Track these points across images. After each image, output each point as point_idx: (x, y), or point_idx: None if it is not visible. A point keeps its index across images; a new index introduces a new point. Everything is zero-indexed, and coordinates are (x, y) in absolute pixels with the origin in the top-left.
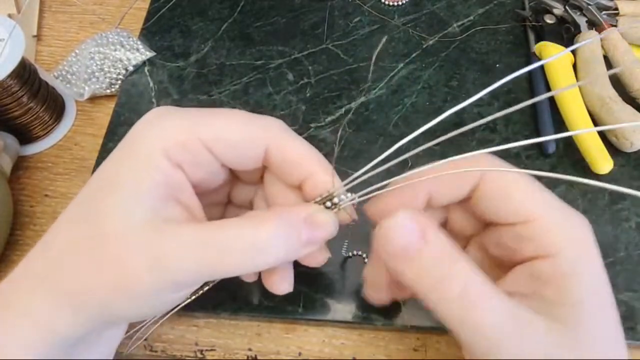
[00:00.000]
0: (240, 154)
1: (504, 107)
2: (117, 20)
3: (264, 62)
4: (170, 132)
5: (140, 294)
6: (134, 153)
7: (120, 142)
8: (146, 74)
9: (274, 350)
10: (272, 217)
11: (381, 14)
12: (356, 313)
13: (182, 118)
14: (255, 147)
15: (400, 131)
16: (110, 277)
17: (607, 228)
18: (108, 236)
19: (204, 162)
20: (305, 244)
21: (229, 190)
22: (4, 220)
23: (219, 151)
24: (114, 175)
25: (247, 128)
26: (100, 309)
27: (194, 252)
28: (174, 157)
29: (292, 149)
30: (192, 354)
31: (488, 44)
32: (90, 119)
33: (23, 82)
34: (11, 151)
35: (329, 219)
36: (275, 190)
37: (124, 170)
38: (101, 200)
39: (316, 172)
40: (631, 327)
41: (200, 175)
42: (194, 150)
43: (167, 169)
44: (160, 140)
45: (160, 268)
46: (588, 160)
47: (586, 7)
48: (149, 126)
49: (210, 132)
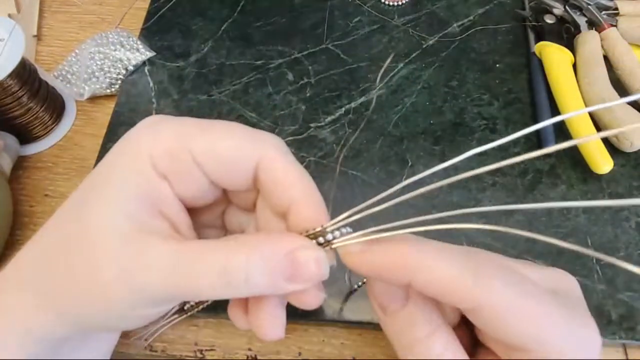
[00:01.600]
0: (228, 169)
1: (504, 107)
2: (117, 20)
3: (264, 62)
4: (160, 140)
5: (113, 308)
6: (120, 160)
7: (114, 145)
8: (146, 74)
9: (274, 350)
10: (251, 245)
11: (381, 14)
12: (356, 313)
13: (174, 127)
14: (245, 163)
15: (400, 131)
16: (87, 289)
17: (607, 228)
18: (87, 241)
19: (191, 175)
20: (288, 280)
21: (222, 212)
22: (4, 220)
23: (207, 165)
24: (100, 181)
25: (239, 142)
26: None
27: (162, 272)
28: (160, 166)
29: (281, 170)
30: (192, 354)
31: (488, 44)
32: (90, 119)
33: (23, 82)
34: (11, 151)
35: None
36: (267, 220)
37: (110, 175)
38: (87, 203)
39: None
40: (631, 327)
41: (187, 189)
42: (181, 161)
43: (152, 177)
44: (149, 146)
45: (129, 281)
46: (588, 160)
47: (586, 7)
48: (138, 133)
49: (200, 144)
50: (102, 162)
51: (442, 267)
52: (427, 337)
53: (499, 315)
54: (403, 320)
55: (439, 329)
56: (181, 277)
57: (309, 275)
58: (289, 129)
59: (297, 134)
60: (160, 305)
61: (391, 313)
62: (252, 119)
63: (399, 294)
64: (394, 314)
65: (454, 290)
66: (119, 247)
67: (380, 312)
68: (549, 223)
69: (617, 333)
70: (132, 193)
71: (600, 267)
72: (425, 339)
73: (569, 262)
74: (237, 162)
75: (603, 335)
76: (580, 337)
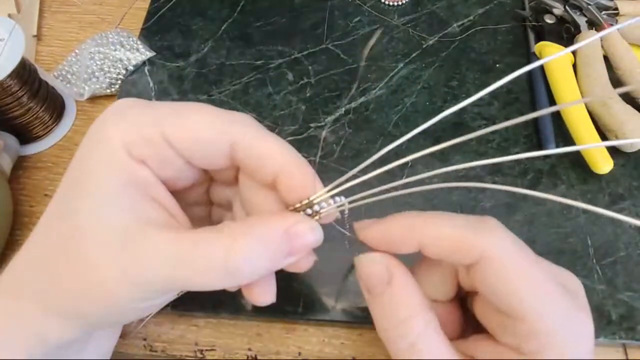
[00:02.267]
0: (203, 150)
1: (503, 107)
2: (117, 20)
3: (264, 62)
4: (131, 126)
5: (113, 302)
6: (96, 149)
7: (85, 136)
8: (146, 74)
9: (274, 350)
10: (248, 233)
11: (381, 14)
12: (356, 313)
13: (144, 112)
14: (219, 143)
15: (400, 131)
16: (85, 286)
17: (607, 228)
18: (79, 242)
19: (168, 159)
20: (287, 256)
21: (206, 189)
22: (4, 220)
23: (182, 147)
24: (81, 173)
25: (211, 123)
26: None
27: (161, 265)
28: (136, 152)
29: (260, 144)
30: (192, 354)
31: (488, 44)
32: (90, 119)
33: (23, 82)
34: (11, 151)
35: (311, 228)
36: (250, 193)
37: (89, 169)
38: (74, 200)
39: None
40: (631, 327)
41: (168, 172)
42: (156, 146)
43: (131, 165)
44: (121, 135)
45: (135, 278)
46: (588, 160)
47: (586, 7)
48: (108, 122)
49: (172, 127)
50: (76, 157)
51: (447, 224)
52: (408, 318)
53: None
54: (387, 301)
55: (421, 311)
56: (181, 270)
57: (306, 246)
58: (289, 129)
59: (297, 134)
60: (160, 297)
61: (377, 294)
62: None
63: (385, 276)
64: (379, 296)
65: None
66: (114, 242)
67: (367, 293)
68: (549, 223)
69: (617, 333)
70: (117, 183)
71: (600, 267)
72: (406, 320)
73: (569, 262)
74: (211, 142)
75: (603, 335)
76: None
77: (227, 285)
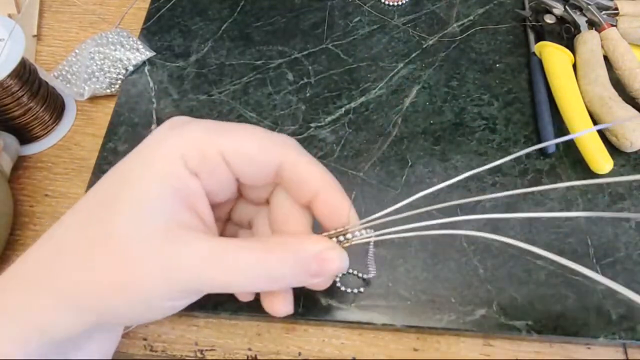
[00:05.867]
0: (255, 168)
1: (504, 107)
2: (117, 20)
3: (264, 62)
4: (190, 140)
5: (147, 300)
6: (151, 157)
7: (138, 145)
8: (146, 74)
9: (274, 350)
10: (283, 247)
11: (381, 14)
12: (356, 313)
13: (201, 128)
14: (270, 163)
15: (400, 131)
16: (118, 282)
17: (607, 228)
18: (118, 240)
19: (219, 174)
20: (313, 277)
21: (232, 206)
22: (4, 220)
23: (236, 164)
24: (129, 177)
25: (265, 143)
26: (102, 310)
27: (205, 268)
28: (192, 165)
29: (305, 166)
30: (192, 354)
31: (488, 44)
32: (90, 119)
33: (23, 82)
34: (11, 151)
35: (340, 257)
36: (283, 212)
37: (139, 174)
38: (115, 202)
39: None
40: (631, 327)
41: (215, 186)
42: (212, 161)
43: (185, 176)
44: (180, 147)
45: (170, 277)
46: (588, 160)
47: (586, 7)
48: (166, 133)
49: (229, 144)
50: (127, 161)
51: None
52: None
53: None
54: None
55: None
56: (218, 272)
57: (333, 271)
58: (289, 129)
59: (297, 134)
60: (190, 297)
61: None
62: (252, 119)
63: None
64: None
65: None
66: (156, 242)
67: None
68: (549, 223)
69: (617, 333)
70: (167, 191)
71: (600, 267)
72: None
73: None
74: (262, 161)
75: (603, 335)
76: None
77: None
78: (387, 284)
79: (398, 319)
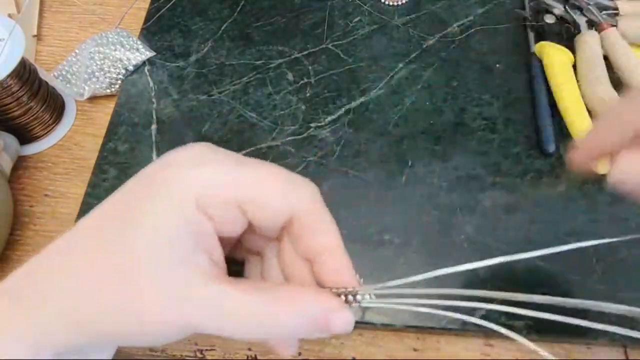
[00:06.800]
0: (267, 213)
1: (504, 107)
2: (117, 20)
3: (264, 62)
4: (208, 183)
5: (152, 332)
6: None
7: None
8: (146, 74)
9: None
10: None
11: (381, 14)
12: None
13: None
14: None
15: (400, 131)
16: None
17: (608, 228)
18: (135, 268)
19: (232, 216)
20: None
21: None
22: (4, 220)
23: (248, 208)
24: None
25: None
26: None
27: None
28: (207, 208)
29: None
30: (192, 354)
31: (488, 44)
32: (90, 119)
33: (23, 82)
34: (11, 151)
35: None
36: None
37: (155, 208)
38: (131, 229)
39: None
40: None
41: (227, 229)
42: (227, 207)
43: (198, 219)
44: (197, 188)
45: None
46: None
47: (586, 7)
48: (185, 166)
49: (246, 193)
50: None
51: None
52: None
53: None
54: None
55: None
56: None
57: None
58: (289, 129)
59: (297, 134)
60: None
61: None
62: (252, 119)
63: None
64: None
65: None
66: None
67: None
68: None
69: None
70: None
71: (600, 267)
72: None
73: (569, 261)
74: (277, 209)
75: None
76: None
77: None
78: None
79: (398, 319)
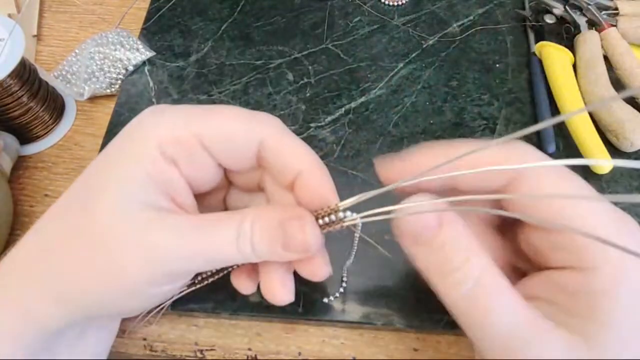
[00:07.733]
0: (233, 149)
1: (503, 107)
2: (117, 20)
3: (264, 62)
4: (165, 128)
5: (131, 286)
6: (127, 147)
7: (115, 137)
8: (146, 74)
9: (274, 350)
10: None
11: (381, 14)
12: (356, 313)
13: (177, 114)
14: (248, 142)
15: (400, 131)
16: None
17: None
18: (99, 228)
19: (198, 159)
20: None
21: (224, 195)
22: (4, 220)
23: (214, 148)
24: (106, 168)
25: (242, 123)
26: (89, 303)
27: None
28: (168, 152)
29: (286, 143)
30: (192, 354)
31: (488, 44)
32: (90, 119)
33: (23, 82)
34: (11, 151)
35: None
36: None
37: (116, 164)
38: (92, 193)
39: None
40: None
41: (194, 173)
42: (188, 146)
43: (161, 164)
44: (155, 135)
45: (152, 259)
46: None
47: (586, 7)
48: (144, 122)
49: (205, 128)
50: (107, 151)
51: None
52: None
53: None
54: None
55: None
56: (198, 244)
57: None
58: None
59: (297, 134)
60: (177, 281)
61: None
62: None
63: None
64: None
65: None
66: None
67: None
68: None
69: None
70: (144, 180)
71: None
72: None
73: None
74: (241, 141)
75: None
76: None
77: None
78: (388, 284)
79: (398, 319)
